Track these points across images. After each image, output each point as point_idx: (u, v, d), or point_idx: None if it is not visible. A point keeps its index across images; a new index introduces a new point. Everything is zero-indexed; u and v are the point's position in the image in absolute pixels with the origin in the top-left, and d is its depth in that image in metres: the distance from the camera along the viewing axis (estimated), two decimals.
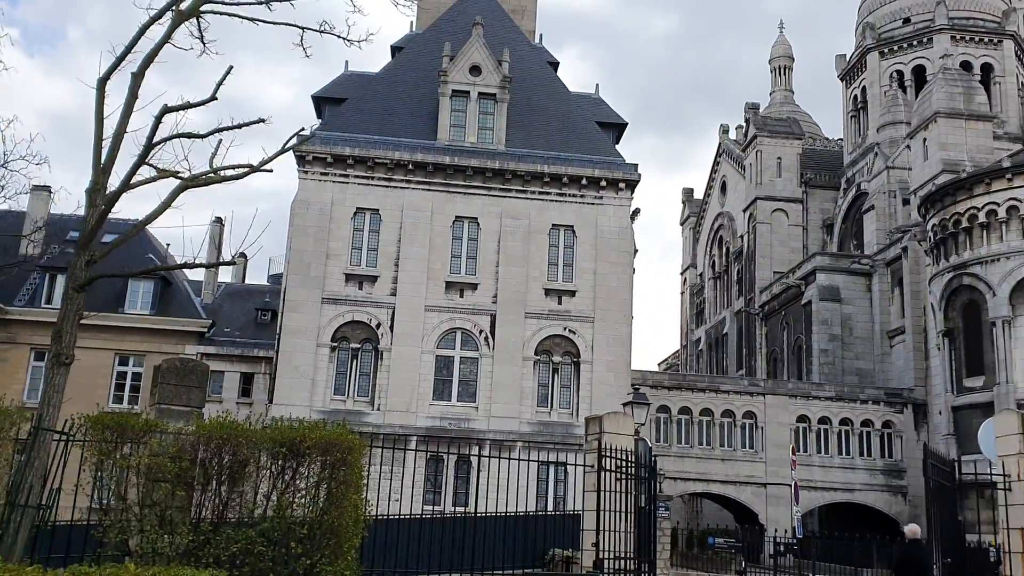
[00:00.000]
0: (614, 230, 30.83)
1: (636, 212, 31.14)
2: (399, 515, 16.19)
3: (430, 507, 27.23)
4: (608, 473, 10.93)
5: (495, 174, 31.29)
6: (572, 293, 30.69)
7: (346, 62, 34.96)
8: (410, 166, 31.31)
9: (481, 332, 30.39)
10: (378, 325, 30.47)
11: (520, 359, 30.08)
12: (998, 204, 34.01)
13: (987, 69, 49.07)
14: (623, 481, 11.26)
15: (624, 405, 12.65)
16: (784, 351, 49.39)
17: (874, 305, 45.10)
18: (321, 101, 34.35)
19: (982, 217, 34.37)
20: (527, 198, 31.32)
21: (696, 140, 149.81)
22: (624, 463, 11.27)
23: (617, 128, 33.99)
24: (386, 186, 31.48)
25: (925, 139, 41.88)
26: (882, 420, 40.07)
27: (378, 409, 29.53)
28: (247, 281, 52.59)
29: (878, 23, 52.78)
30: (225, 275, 53.42)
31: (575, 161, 31.28)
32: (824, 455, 38.95)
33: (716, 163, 64.35)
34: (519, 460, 13.20)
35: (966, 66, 48.15)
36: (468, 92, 32.54)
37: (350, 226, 31.36)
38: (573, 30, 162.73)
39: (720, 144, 63.59)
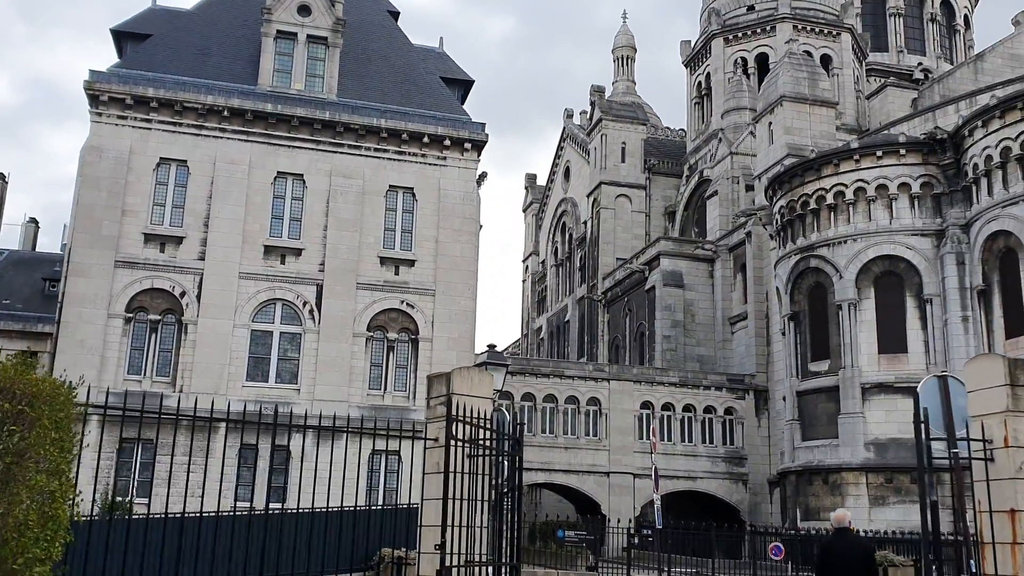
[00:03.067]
0: (458, 194, 27.87)
1: (483, 176, 28.33)
2: (184, 514, 12.59)
3: (244, 503, 23.46)
4: (460, 447, 7.97)
5: (325, 126, 27.64)
6: (411, 263, 27.50)
7: None
8: (225, 112, 27.16)
9: (305, 304, 26.68)
10: (183, 294, 26.18)
11: (350, 335, 26.60)
12: (846, 186, 33.50)
13: (826, 61, 49.60)
14: (479, 460, 8.32)
15: (478, 366, 9.74)
16: (626, 338, 48.14)
17: (716, 291, 44.46)
18: (122, 36, 29.52)
19: (830, 199, 33.80)
20: (361, 155, 27.85)
21: (532, 142, 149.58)
22: (482, 433, 8.32)
23: (463, 85, 31.06)
24: (196, 134, 27.18)
25: (771, 123, 41.40)
26: (724, 406, 39.25)
27: (181, 391, 25.26)
28: (39, 250, 46.24)
29: (723, 9, 52.53)
30: (10, 241, 46.75)
31: (416, 116, 28.10)
32: (667, 442, 37.63)
33: (560, 148, 62.78)
34: (346, 448, 10.00)
35: (807, 57, 48.38)
36: (296, 34, 28.70)
37: (152, 179, 26.88)
38: (409, 30, 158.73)
39: (564, 129, 62.06)
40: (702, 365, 42.65)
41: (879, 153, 33.09)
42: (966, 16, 62.42)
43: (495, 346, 12.32)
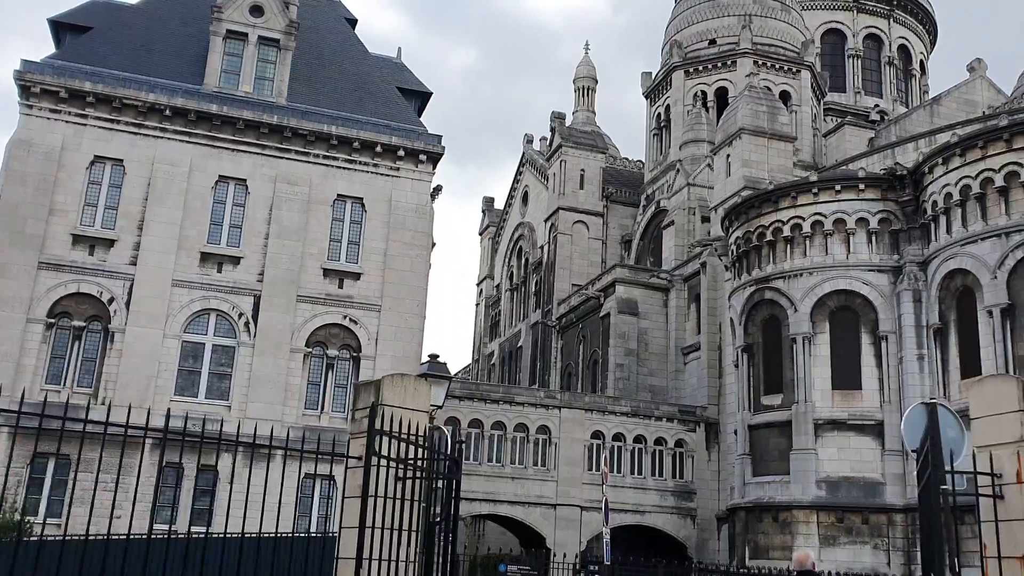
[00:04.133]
0: (410, 207, 26.73)
1: (438, 189, 27.26)
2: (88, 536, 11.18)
3: (164, 525, 21.86)
4: (386, 467, 6.80)
5: (272, 130, 26.38)
6: (356, 276, 26.23)
7: None
8: (167, 111, 25.77)
9: (241, 316, 25.23)
10: (111, 300, 24.57)
11: (287, 350, 25.19)
12: (803, 219, 33.04)
13: (785, 97, 49.58)
14: (411, 482, 7.14)
15: (418, 377, 8.60)
16: (579, 365, 47.17)
17: (670, 321, 43.76)
18: (60, 27, 28.02)
19: (787, 231, 33.31)
20: (309, 162, 26.62)
21: (491, 171, 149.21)
22: (414, 451, 7.16)
23: (420, 97, 30.04)
24: (135, 133, 25.74)
25: (728, 155, 41.05)
26: (675, 438, 38.33)
27: (103, 403, 23.57)
28: None
29: (685, 42, 52.41)
30: None
31: (369, 125, 26.98)
32: (616, 474, 36.53)
33: (519, 173, 62.04)
34: (282, 470, 8.77)
35: (767, 91, 48.35)
36: (246, 35, 27.48)
37: (84, 177, 25.34)
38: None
39: (524, 154, 61.38)
40: (654, 395, 41.81)
41: (838, 187, 32.72)
42: (922, 62, 63.38)
43: (437, 356, 11.20)
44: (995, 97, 50.89)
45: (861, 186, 32.34)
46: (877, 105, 58.29)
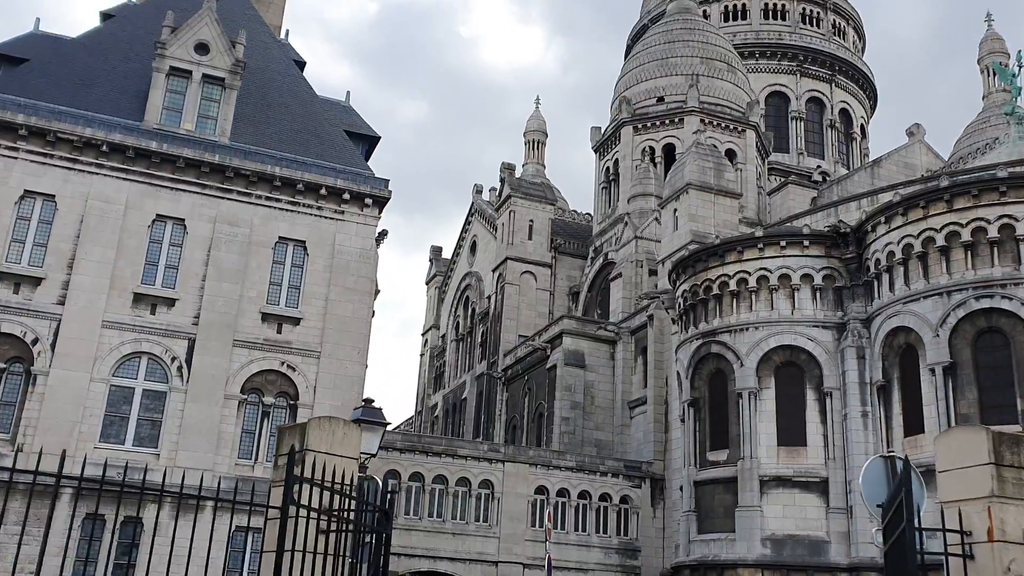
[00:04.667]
0: (354, 251, 26.11)
1: (383, 234, 26.70)
2: None
3: None
4: (307, 518, 6.14)
5: (213, 170, 25.67)
6: (296, 321, 25.42)
7: (37, 19, 28.03)
8: (104, 147, 24.93)
9: (174, 360, 24.18)
10: (35, 341, 23.40)
11: (222, 397, 24.17)
12: (749, 273, 33.15)
13: (731, 155, 50.31)
14: (336, 536, 6.48)
15: (348, 422, 7.87)
16: (524, 418, 46.48)
17: (617, 374, 43.46)
18: None
19: (733, 285, 33.37)
20: (251, 203, 25.92)
21: (439, 223, 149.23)
22: (340, 501, 6.51)
23: (368, 141, 29.63)
24: (69, 168, 24.83)
25: (676, 209, 41.31)
26: (620, 494, 37.74)
27: (21, 450, 22.27)
28: None
29: (634, 99, 53.09)
30: None
31: (315, 167, 26.43)
32: (560, 531, 35.76)
33: (468, 222, 61.84)
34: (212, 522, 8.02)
35: (713, 148, 49.03)
36: (191, 72, 26.87)
37: (12, 212, 24.30)
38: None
39: (473, 203, 61.27)
40: (600, 450, 41.26)
41: (783, 243, 32.95)
42: (862, 125, 65.15)
43: (372, 401, 10.56)
44: (933, 161, 52.32)
45: (806, 243, 32.60)
46: (819, 166, 59.56)
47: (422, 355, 64.09)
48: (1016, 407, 26.02)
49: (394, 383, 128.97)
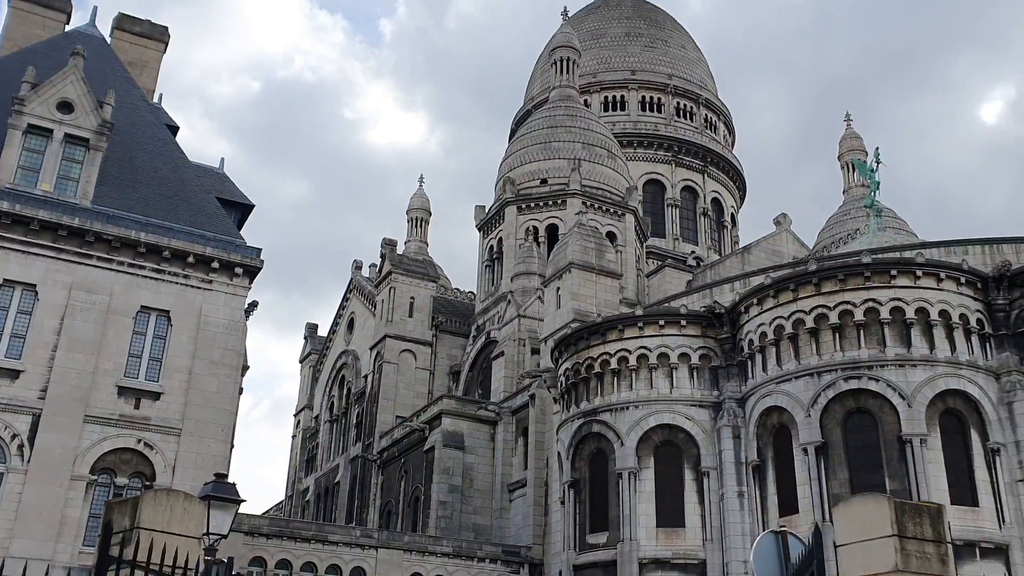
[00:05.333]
0: (222, 323, 24.74)
1: (253, 305, 25.46)
2: None
3: None
4: None
5: (72, 233, 24.03)
6: (156, 395, 23.69)
7: None
8: None
9: (15, 437, 22.04)
10: None
11: (67, 478, 22.09)
12: (630, 352, 33.33)
13: (612, 237, 51.25)
14: None
15: (190, 496, 6.80)
16: (400, 503, 44.81)
17: (497, 455, 42.59)
18: None
19: (614, 364, 33.43)
20: (112, 270, 24.31)
21: (317, 302, 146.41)
22: None
23: (242, 209, 28.54)
24: None
25: (559, 288, 41.50)
26: None
27: None
28: None
29: (518, 180, 53.71)
30: None
31: (183, 234, 25.13)
32: None
33: (346, 299, 60.49)
34: None
35: (595, 230, 49.84)
36: (51, 131, 25.34)
37: None
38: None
39: (352, 280, 60.06)
40: (478, 534, 40.03)
41: (662, 322, 33.36)
42: (732, 214, 67.90)
43: (225, 476, 9.53)
44: (799, 249, 54.70)
45: (683, 322, 33.09)
46: (693, 251, 61.47)
47: (294, 436, 61.56)
48: (885, 487, 26.60)
49: (266, 468, 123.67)
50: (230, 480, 9.43)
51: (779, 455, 30.13)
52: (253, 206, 28.63)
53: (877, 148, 44.62)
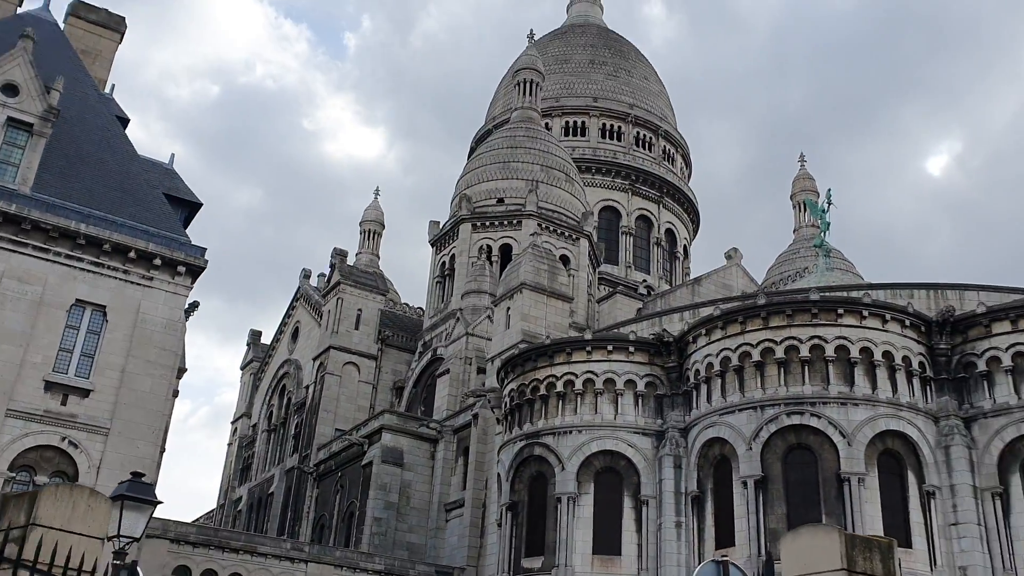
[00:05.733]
0: (160, 322, 23.96)
1: (194, 306, 24.73)
2: None
3: None
4: None
5: (7, 220, 23.12)
6: (85, 392, 22.81)
7: None
8: None
9: None
10: None
11: None
12: (576, 375, 33.11)
13: (565, 260, 51.18)
14: None
15: (96, 493, 6.22)
16: (334, 517, 43.89)
17: (436, 474, 41.99)
18: None
19: (560, 387, 33.18)
20: (48, 260, 23.43)
21: (264, 310, 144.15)
22: None
23: (189, 207, 27.81)
24: None
25: (509, 308, 41.25)
26: None
27: None
28: None
29: (475, 197, 53.46)
30: None
31: (125, 228, 24.35)
32: None
33: (292, 307, 59.48)
34: None
35: (549, 252, 49.72)
36: None
37: None
38: None
39: (299, 288, 59.12)
40: (412, 553, 39.34)
41: (610, 347, 33.22)
42: (685, 246, 68.40)
43: (143, 475, 8.96)
44: (748, 284, 55.21)
45: (631, 348, 32.99)
46: (645, 280, 61.73)
47: (230, 444, 60.16)
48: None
49: (202, 477, 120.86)
50: (150, 482, 8.88)
51: (719, 487, 30.07)
52: (201, 204, 27.91)
53: (829, 189, 45.31)
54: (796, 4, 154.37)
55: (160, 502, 8.74)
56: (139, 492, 8.30)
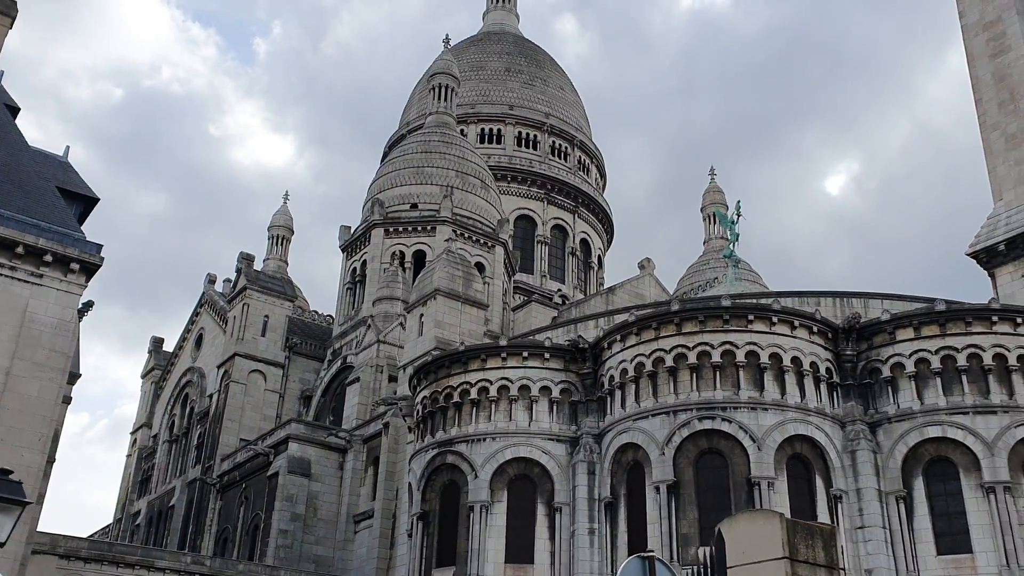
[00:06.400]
0: (50, 322, 22.47)
1: (88, 306, 23.33)
2: None
3: None
4: None
5: None
6: None
7: None
8: None
9: None
10: None
11: None
12: (491, 382, 32.63)
13: (480, 267, 50.81)
14: None
15: None
16: (238, 530, 42.33)
17: (345, 485, 40.92)
18: None
19: (474, 394, 32.63)
20: None
21: (167, 318, 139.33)
22: None
23: (85, 202, 26.29)
24: None
25: (422, 315, 40.55)
26: None
27: None
28: None
29: (388, 202, 52.67)
30: None
31: (12, 221, 22.79)
32: None
33: (196, 314, 57.49)
34: None
35: (464, 259, 49.23)
36: None
37: None
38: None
39: (204, 293, 57.17)
40: (319, 566, 38.16)
41: (525, 354, 32.87)
42: (599, 256, 68.85)
43: (10, 472, 8.10)
44: (661, 294, 55.82)
45: (547, 355, 32.71)
46: (560, 289, 61.81)
47: (129, 455, 57.64)
48: None
49: (99, 491, 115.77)
50: (18, 480, 7.97)
51: (632, 493, 29.96)
52: (97, 200, 26.41)
53: (739, 201, 46.01)
54: (704, 28, 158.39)
55: (29, 502, 7.85)
56: (4, 491, 7.39)
